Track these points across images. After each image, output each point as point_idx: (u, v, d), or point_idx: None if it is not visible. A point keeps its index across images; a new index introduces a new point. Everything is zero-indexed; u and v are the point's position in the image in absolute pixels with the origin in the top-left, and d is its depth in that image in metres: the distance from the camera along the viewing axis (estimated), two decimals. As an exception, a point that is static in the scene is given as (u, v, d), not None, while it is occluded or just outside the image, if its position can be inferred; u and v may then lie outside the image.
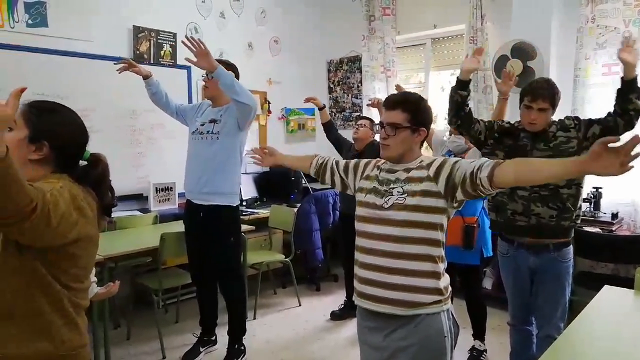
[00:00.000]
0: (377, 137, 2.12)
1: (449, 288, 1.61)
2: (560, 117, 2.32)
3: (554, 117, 2.30)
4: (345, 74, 5.58)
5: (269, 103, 5.15)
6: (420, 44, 5.03)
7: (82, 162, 1.34)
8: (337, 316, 3.78)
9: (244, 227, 3.32)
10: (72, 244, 1.20)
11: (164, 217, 3.84)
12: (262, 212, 4.31)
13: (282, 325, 3.67)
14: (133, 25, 4.00)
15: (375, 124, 2.68)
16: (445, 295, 1.57)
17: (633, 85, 2.10)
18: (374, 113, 4.46)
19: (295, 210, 4.17)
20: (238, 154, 2.94)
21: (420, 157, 1.64)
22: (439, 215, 1.54)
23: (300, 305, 4.06)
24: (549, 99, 2.19)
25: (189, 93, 4.42)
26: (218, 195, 2.87)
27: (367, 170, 1.75)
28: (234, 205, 2.95)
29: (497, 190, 1.47)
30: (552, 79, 2.42)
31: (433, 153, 3.27)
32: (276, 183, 4.88)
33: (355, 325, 1.78)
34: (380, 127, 1.65)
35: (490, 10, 4.20)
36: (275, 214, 4.25)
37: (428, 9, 4.74)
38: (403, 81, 5.20)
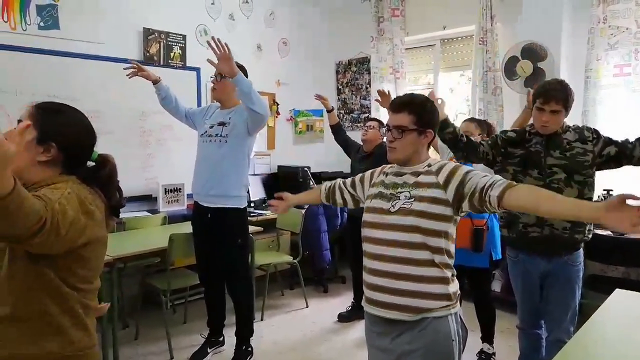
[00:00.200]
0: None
1: (457, 293, 1.59)
2: (576, 123, 2.30)
3: (569, 122, 2.27)
4: (353, 76, 5.57)
5: (278, 104, 5.16)
6: (430, 45, 5.01)
7: (90, 163, 1.34)
8: (345, 318, 3.77)
9: (251, 228, 3.33)
10: (81, 247, 1.20)
11: (173, 218, 3.87)
12: (270, 214, 4.31)
13: (290, 327, 3.67)
14: (143, 27, 4.03)
15: (383, 126, 2.68)
16: (454, 300, 1.56)
17: None
18: (383, 114, 4.45)
19: (303, 211, 4.17)
20: (246, 157, 2.95)
21: (428, 160, 1.64)
22: (445, 223, 1.53)
23: (307, 306, 4.06)
24: (562, 101, 2.16)
25: (198, 95, 4.45)
26: (225, 198, 2.88)
27: (373, 178, 1.76)
28: (242, 207, 2.96)
29: (502, 210, 1.45)
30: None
31: (440, 157, 3.26)
32: (284, 184, 4.87)
33: (362, 328, 1.78)
34: (386, 130, 1.64)
35: (500, 11, 4.17)
36: (283, 216, 4.24)
37: (437, 10, 4.72)
38: (412, 82, 5.19)
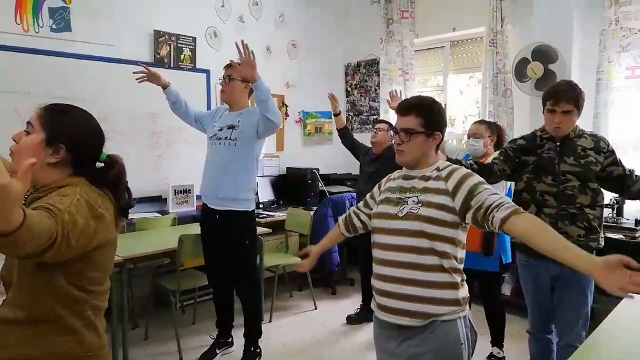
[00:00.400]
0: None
1: (467, 298, 1.58)
2: (588, 126, 2.28)
3: (582, 126, 2.25)
4: (362, 77, 5.57)
5: (287, 106, 5.17)
6: (439, 47, 5.00)
7: (100, 164, 1.34)
8: (353, 320, 3.76)
9: (260, 229, 3.34)
10: (92, 251, 1.20)
11: (183, 219, 3.89)
12: (279, 215, 4.33)
13: (298, 329, 3.67)
14: (154, 29, 4.06)
15: (392, 128, 2.67)
16: (463, 305, 1.55)
17: None
18: (392, 116, 4.44)
19: (312, 213, 4.17)
20: (255, 160, 2.96)
21: (437, 164, 1.63)
22: (454, 230, 1.52)
23: (316, 308, 4.06)
24: (572, 100, 2.14)
25: (208, 96, 4.47)
26: (234, 201, 2.88)
27: (382, 188, 1.76)
28: (250, 209, 2.96)
29: (501, 233, 1.44)
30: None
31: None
32: (293, 186, 4.89)
33: (371, 330, 1.77)
34: (394, 132, 1.64)
35: (510, 13, 4.14)
36: (292, 217, 4.26)
37: (447, 12, 4.71)
38: (421, 84, 5.17)
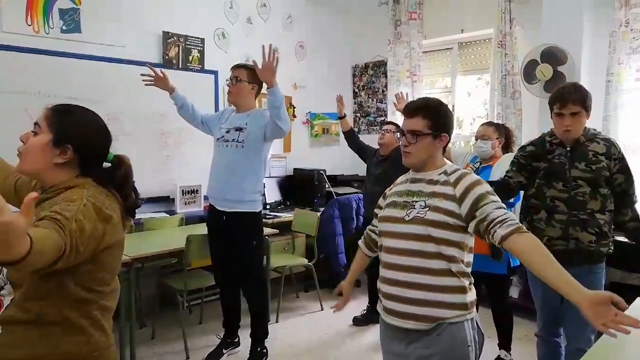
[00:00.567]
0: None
1: (475, 301, 1.57)
2: (597, 128, 2.25)
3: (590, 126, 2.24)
4: (370, 79, 5.56)
5: (294, 107, 5.18)
6: (447, 49, 4.98)
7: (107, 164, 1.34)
8: (360, 322, 3.75)
9: (267, 230, 3.34)
10: (100, 252, 1.21)
11: (190, 219, 3.91)
12: (286, 216, 4.33)
13: (304, 329, 3.67)
14: (162, 30, 4.08)
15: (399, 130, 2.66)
16: (470, 309, 1.54)
17: None
18: (400, 118, 4.43)
19: (319, 214, 4.17)
20: (262, 162, 2.96)
21: (444, 167, 1.62)
22: (461, 234, 1.51)
23: (322, 309, 4.05)
24: (579, 101, 2.12)
25: (216, 97, 4.49)
26: (241, 203, 2.89)
27: (386, 195, 1.75)
28: (257, 211, 2.97)
29: (500, 247, 1.43)
30: (583, 84, 2.35)
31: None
32: (300, 187, 4.89)
33: (377, 332, 1.77)
34: (401, 134, 1.63)
35: (519, 14, 4.12)
36: (298, 218, 4.26)
37: (455, 14, 4.69)
38: (429, 86, 5.16)
